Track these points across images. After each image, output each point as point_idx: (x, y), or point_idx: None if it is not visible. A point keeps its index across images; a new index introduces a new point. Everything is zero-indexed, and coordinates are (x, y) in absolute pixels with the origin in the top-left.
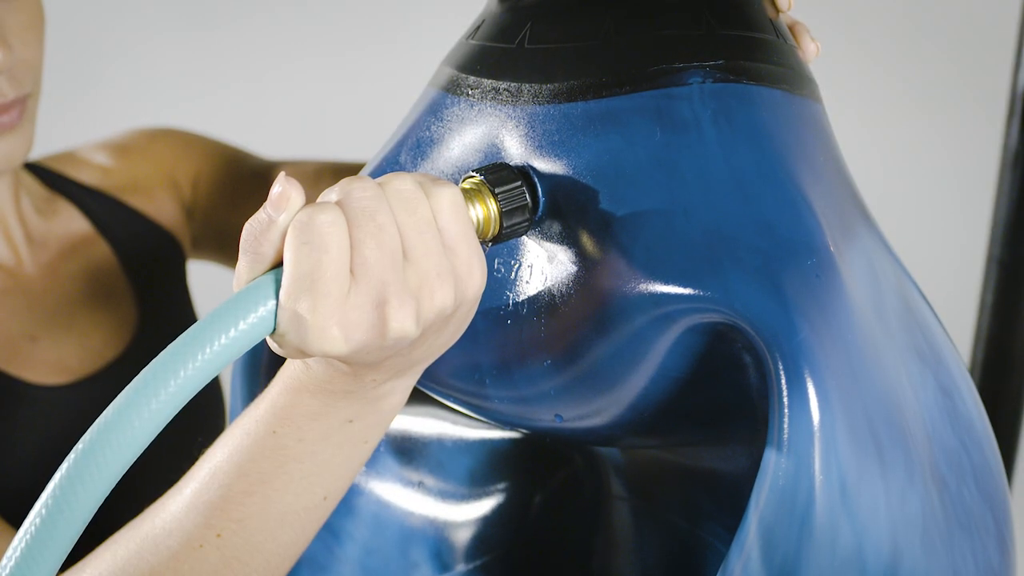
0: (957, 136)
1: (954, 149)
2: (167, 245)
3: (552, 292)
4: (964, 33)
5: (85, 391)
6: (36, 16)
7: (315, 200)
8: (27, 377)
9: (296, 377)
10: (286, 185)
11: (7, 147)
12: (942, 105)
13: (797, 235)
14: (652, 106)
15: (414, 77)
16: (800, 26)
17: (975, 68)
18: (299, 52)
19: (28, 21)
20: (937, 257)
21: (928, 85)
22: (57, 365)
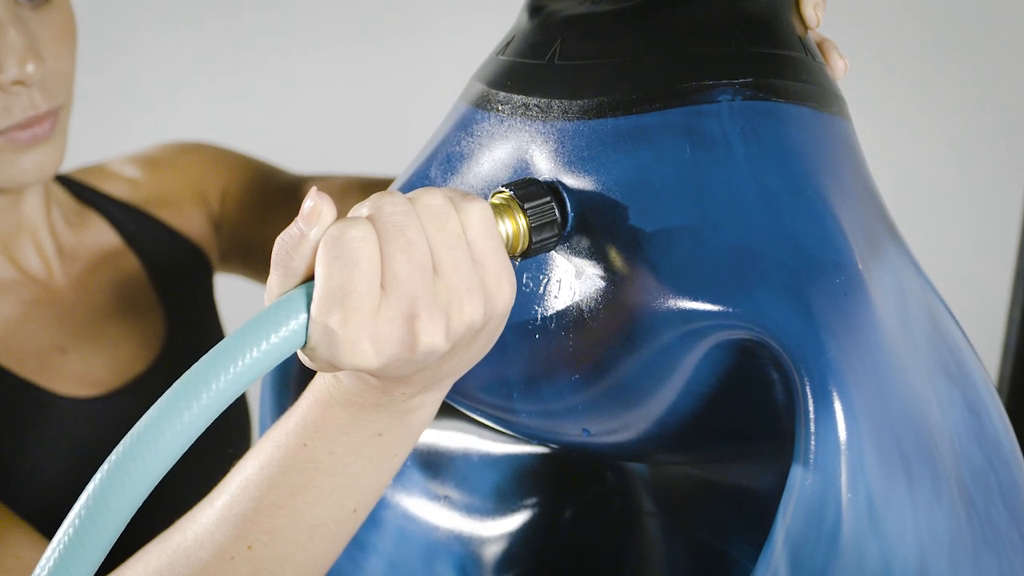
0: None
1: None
2: (195, 258)
3: (580, 307)
4: (993, 46)
5: (113, 404)
6: (69, 28)
7: (344, 215)
8: (56, 389)
9: (326, 390)
10: (318, 200)
11: (40, 159)
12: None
13: (825, 253)
14: (681, 123)
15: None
16: (829, 43)
17: (1004, 83)
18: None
19: (61, 33)
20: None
21: (957, 99)
22: (86, 377)
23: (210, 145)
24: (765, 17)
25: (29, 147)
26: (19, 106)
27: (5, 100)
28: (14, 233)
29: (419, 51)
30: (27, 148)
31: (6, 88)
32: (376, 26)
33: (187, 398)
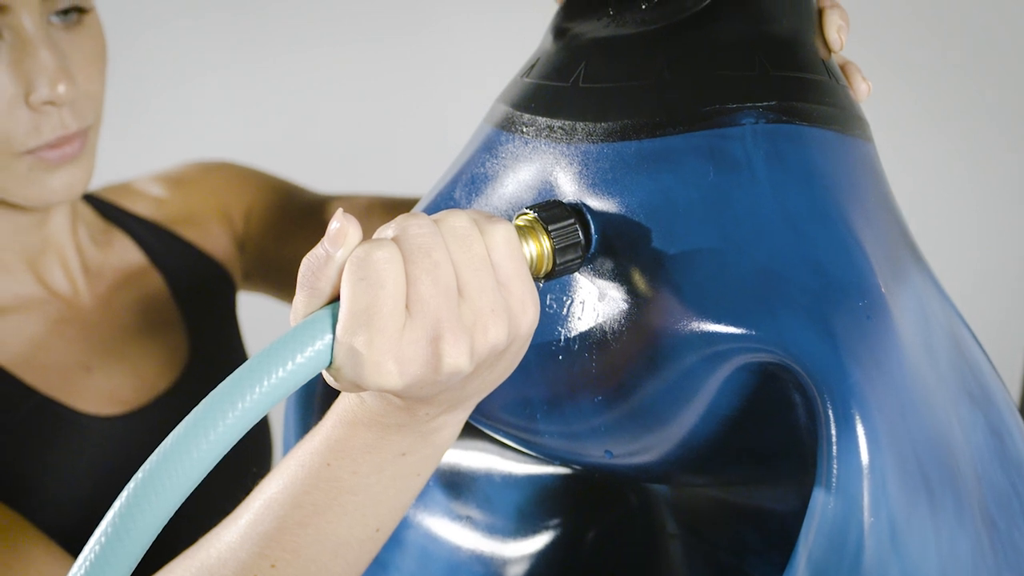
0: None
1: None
2: (218, 277)
3: (603, 328)
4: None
5: (137, 422)
6: (99, 50)
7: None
8: (81, 407)
9: (350, 410)
10: (344, 221)
11: (69, 178)
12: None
13: (848, 276)
14: (705, 146)
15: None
16: (852, 66)
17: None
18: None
19: (92, 55)
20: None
21: (983, 121)
22: (110, 395)
23: (234, 164)
24: (788, 41)
25: (58, 166)
26: (49, 126)
27: (36, 120)
28: (40, 251)
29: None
30: (56, 167)
31: (37, 108)
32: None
33: (214, 417)
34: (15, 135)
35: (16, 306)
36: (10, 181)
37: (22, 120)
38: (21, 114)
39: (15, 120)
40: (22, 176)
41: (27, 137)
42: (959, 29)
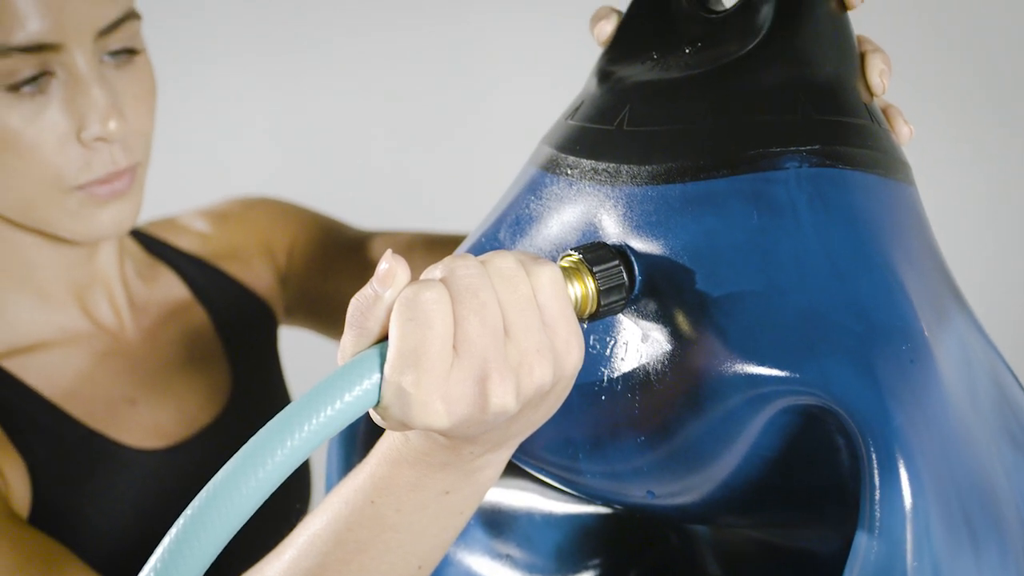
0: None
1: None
2: (261, 312)
3: (647, 369)
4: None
5: (180, 456)
6: (150, 87)
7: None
8: (125, 440)
9: (395, 448)
10: (392, 262)
11: (118, 214)
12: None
13: (892, 320)
14: (749, 189)
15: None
16: (894, 109)
17: None
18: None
19: (142, 92)
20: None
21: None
22: (154, 429)
23: (277, 200)
24: (831, 85)
25: (107, 202)
26: (100, 162)
27: (87, 156)
28: (88, 285)
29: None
30: (105, 203)
31: (88, 144)
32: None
33: (263, 454)
34: (67, 171)
35: (63, 340)
36: (60, 216)
37: (74, 156)
38: (73, 150)
39: (67, 156)
40: (72, 211)
41: (79, 172)
42: (964, 30)
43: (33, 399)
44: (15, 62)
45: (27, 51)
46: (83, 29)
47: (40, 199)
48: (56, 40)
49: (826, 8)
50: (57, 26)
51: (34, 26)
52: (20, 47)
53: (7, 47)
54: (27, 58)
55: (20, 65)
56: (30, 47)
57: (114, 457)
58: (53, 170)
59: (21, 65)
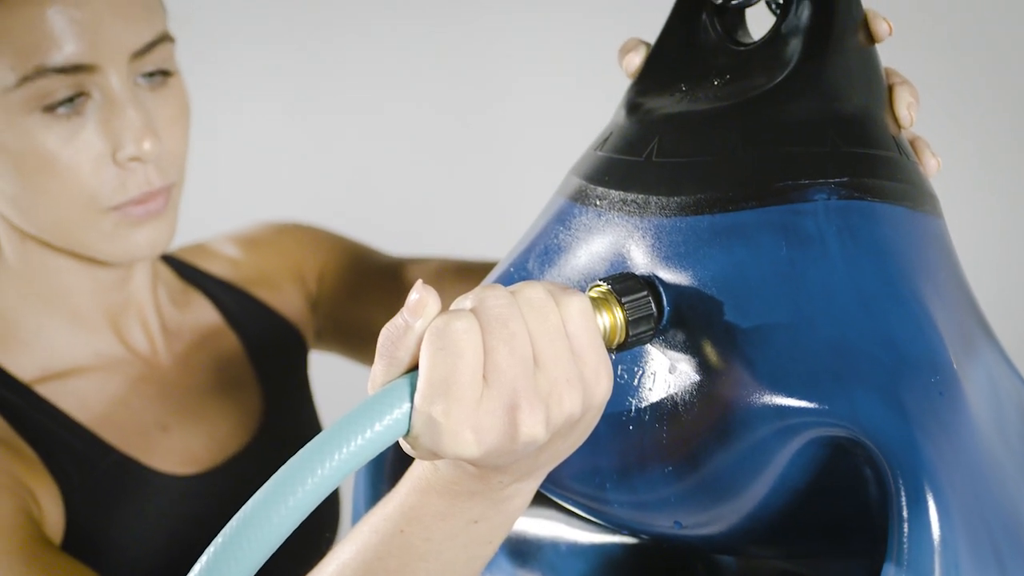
0: None
1: None
2: (292, 337)
3: (675, 400)
4: None
5: (211, 482)
6: (183, 109)
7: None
8: (157, 466)
9: (424, 478)
10: (423, 292)
11: (152, 234)
12: None
13: (920, 352)
14: (778, 221)
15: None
16: (921, 141)
17: None
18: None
19: (176, 114)
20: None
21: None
22: (186, 455)
23: (308, 225)
24: (859, 117)
25: (142, 223)
26: (135, 182)
27: (122, 176)
28: (122, 310)
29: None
30: (140, 224)
31: (123, 165)
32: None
33: (294, 482)
34: (102, 191)
35: (97, 365)
36: (96, 237)
37: (109, 177)
38: (108, 171)
39: (102, 176)
40: (108, 232)
41: (113, 193)
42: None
43: (67, 424)
44: (51, 83)
45: (63, 72)
46: (118, 51)
47: (76, 220)
48: (91, 61)
49: (854, 41)
50: (92, 48)
51: (70, 48)
52: (56, 68)
53: (44, 68)
54: (63, 79)
55: (56, 86)
56: (66, 68)
57: (146, 482)
58: (89, 191)
59: (57, 86)
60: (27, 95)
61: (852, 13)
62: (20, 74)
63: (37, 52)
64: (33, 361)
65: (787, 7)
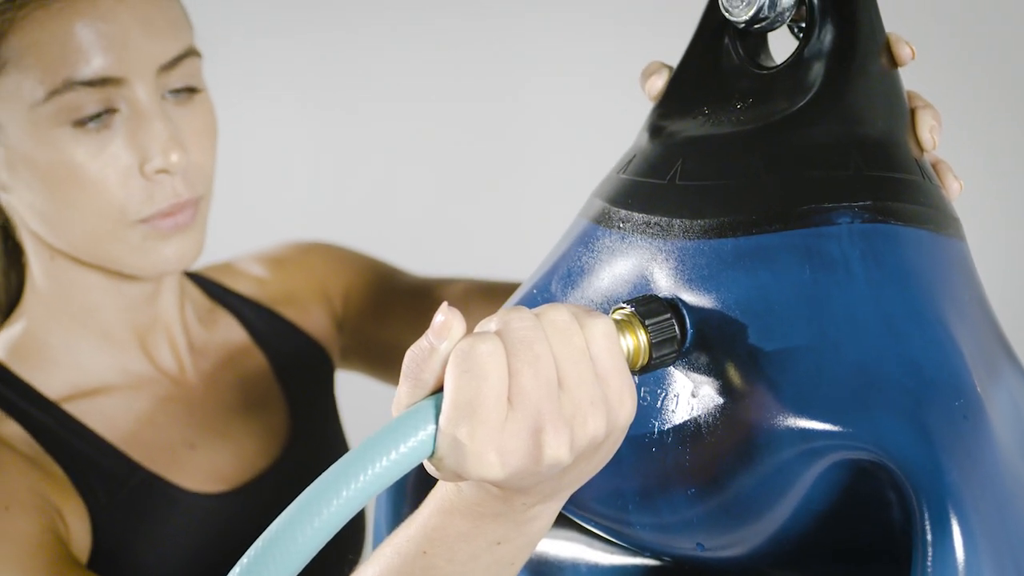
0: None
1: None
2: (318, 356)
3: (698, 422)
4: None
5: (237, 500)
6: (211, 124)
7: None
8: (184, 484)
9: (447, 499)
10: (448, 315)
11: (180, 247)
12: None
13: (944, 376)
14: (801, 244)
15: None
16: (944, 164)
17: None
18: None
19: (203, 128)
20: None
21: None
22: (212, 473)
23: (333, 245)
24: (882, 141)
25: (171, 235)
26: (162, 194)
27: (149, 188)
28: (150, 328)
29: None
30: (169, 236)
31: (151, 177)
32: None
33: (319, 504)
34: (130, 204)
35: (125, 383)
36: (124, 250)
37: (136, 189)
38: (136, 183)
39: (130, 189)
40: (136, 245)
41: (141, 205)
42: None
43: (95, 442)
44: (79, 96)
45: (91, 85)
46: (145, 64)
47: (105, 233)
48: (119, 74)
49: (877, 65)
50: (120, 61)
51: (98, 61)
52: (84, 81)
53: (72, 81)
54: (91, 92)
55: (84, 100)
56: (94, 81)
57: (173, 500)
58: (117, 203)
59: (85, 100)
60: (56, 109)
61: (875, 37)
62: (49, 88)
63: (65, 66)
64: (61, 379)
65: (810, 31)
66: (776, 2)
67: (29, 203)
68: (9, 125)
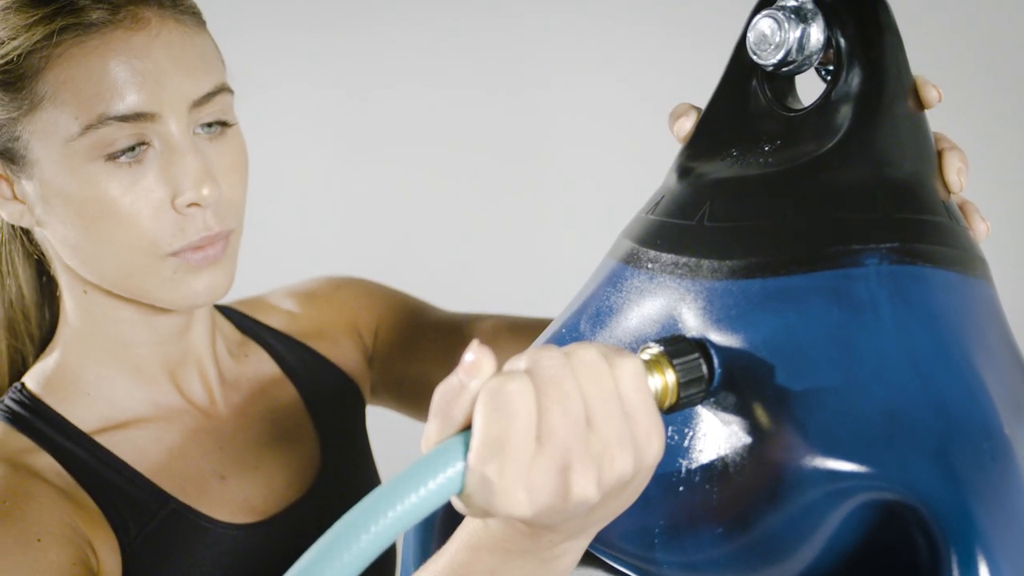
0: None
1: None
2: (349, 390)
3: (725, 461)
4: None
5: (267, 531)
6: (241, 158)
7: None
8: (214, 515)
9: (475, 535)
10: (479, 353)
11: (211, 280)
12: None
13: (972, 418)
14: (829, 286)
15: None
16: (970, 205)
17: None
18: None
19: (234, 162)
20: None
21: None
22: (243, 504)
23: (364, 280)
24: (910, 183)
25: (201, 268)
26: (193, 227)
27: (181, 222)
28: (181, 361)
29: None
30: (199, 269)
31: (182, 210)
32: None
33: (347, 539)
34: (161, 237)
35: (156, 416)
36: (156, 283)
37: (168, 222)
38: (167, 217)
39: (161, 222)
40: (167, 278)
41: (172, 239)
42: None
43: (126, 473)
44: (113, 131)
45: (125, 120)
46: (178, 100)
47: (137, 266)
48: (152, 110)
49: (904, 108)
50: (153, 97)
51: (132, 97)
52: (118, 116)
53: (106, 117)
54: (125, 127)
55: (118, 134)
56: (128, 116)
57: (203, 531)
58: (149, 236)
59: (119, 134)
60: (90, 143)
61: (902, 80)
62: (84, 123)
63: (100, 101)
64: (93, 412)
65: (837, 74)
66: (804, 45)
67: (63, 237)
68: (44, 160)
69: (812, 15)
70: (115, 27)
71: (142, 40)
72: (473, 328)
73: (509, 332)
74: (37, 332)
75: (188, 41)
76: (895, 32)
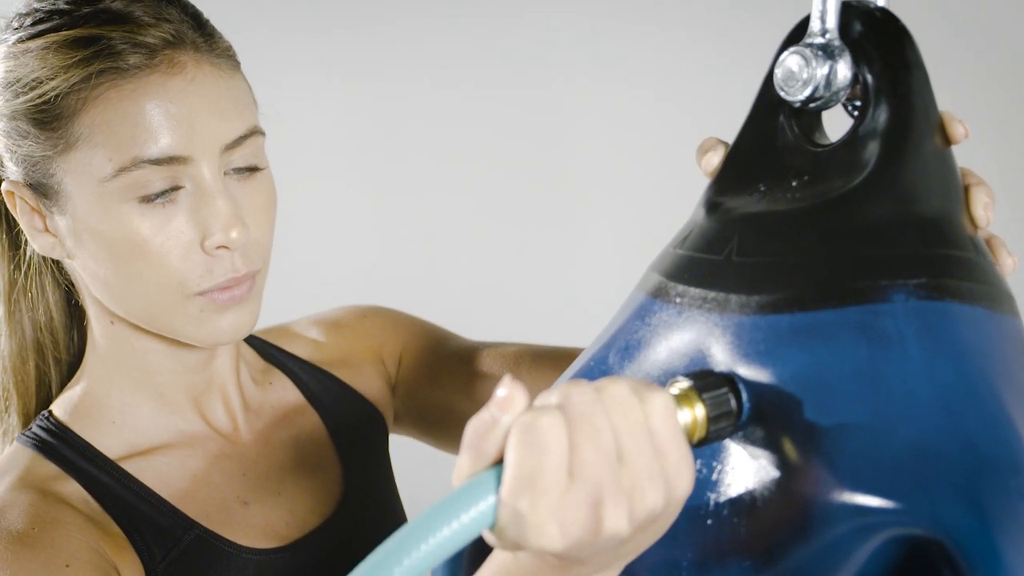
0: None
1: None
2: (372, 418)
3: (754, 495)
4: None
5: (290, 555)
6: (270, 200)
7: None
8: (238, 540)
9: (505, 567)
10: (511, 389)
11: (236, 319)
12: None
13: (1000, 454)
14: (857, 321)
15: None
16: (997, 240)
17: None
18: None
19: (263, 204)
20: None
21: None
22: (265, 530)
23: (388, 309)
24: (937, 219)
25: (227, 308)
26: (221, 269)
27: (209, 263)
28: (204, 389)
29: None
30: (225, 309)
31: (211, 252)
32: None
33: (381, 570)
34: (190, 277)
35: (180, 442)
36: (182, 321)
37: (197, 263)
38: (196, 257)
39: (190, 263)
40: (193, 317)
41: (200, 279)
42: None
43: (151, 500)
44: (147, 174)
45: (158, 163)
46: (210, 143)
47: (164, 304)
48: (185, 153)
49: (931, 144)
50: (187, 141)
51: (165, 140)
52: (152, 160)
53: (140, 159)
54: (158, 170)
55: (152, 177)
56: (161, 160)
57: (227, 557)
58: (178, 276)
59: (153, 177)
60: (123, 185)
61: (929, 116)
62: (118, 165)
63: (135, 144)
64: (119, 439)
65: (865, 110)
66: (831, 82)
67: (92, 272)
68: (77, 197)
69: (839, 52)
70: (152, 71)
71: (178, 85)
72: (496, 356)
73: (531, 361)
74: (64, 356)
75: (223, 84)
76: (922, 69)
